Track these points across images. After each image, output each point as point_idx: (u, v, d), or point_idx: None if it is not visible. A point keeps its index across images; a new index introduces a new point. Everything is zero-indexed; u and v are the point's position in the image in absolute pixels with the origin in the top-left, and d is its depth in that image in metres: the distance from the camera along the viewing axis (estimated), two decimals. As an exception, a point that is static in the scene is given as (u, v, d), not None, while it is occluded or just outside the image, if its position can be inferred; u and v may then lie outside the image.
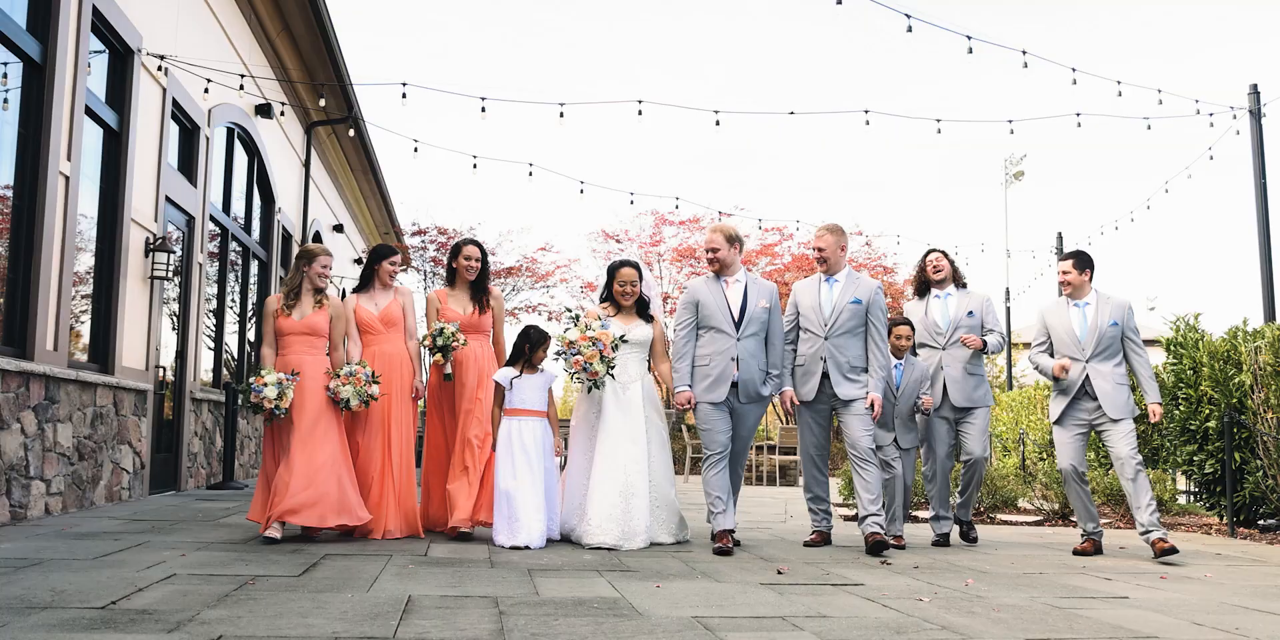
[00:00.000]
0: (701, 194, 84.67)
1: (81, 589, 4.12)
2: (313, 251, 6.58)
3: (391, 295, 6.83)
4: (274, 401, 6.03)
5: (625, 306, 6.71)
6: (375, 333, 6.70)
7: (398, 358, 6.66)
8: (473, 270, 6.88)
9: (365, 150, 17.09)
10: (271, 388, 6.07)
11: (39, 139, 6.86)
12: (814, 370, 6.47)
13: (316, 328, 6.40)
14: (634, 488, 6.20)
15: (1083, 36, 73.84)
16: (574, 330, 6.36)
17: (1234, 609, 4.47)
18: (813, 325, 6.53)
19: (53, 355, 6.96)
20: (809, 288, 6.68)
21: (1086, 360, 6.67)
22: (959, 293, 7.18)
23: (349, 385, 6.25)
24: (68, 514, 7.16)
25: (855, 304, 6.48)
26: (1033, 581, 5.22)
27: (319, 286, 6.52)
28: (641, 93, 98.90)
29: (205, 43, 10.33)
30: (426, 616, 3.74)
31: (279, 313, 6.45)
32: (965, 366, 7.00)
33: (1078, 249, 7.04)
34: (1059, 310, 6.89)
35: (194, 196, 10.29)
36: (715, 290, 6.45)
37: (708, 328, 6.38)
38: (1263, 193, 12.15)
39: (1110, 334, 6.70)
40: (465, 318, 6.78)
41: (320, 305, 6.47)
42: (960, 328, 7.03)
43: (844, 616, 4.01)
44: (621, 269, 6.74)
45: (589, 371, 6.28)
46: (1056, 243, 21.73)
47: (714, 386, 6.27)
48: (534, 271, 25.16)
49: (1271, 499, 8.09)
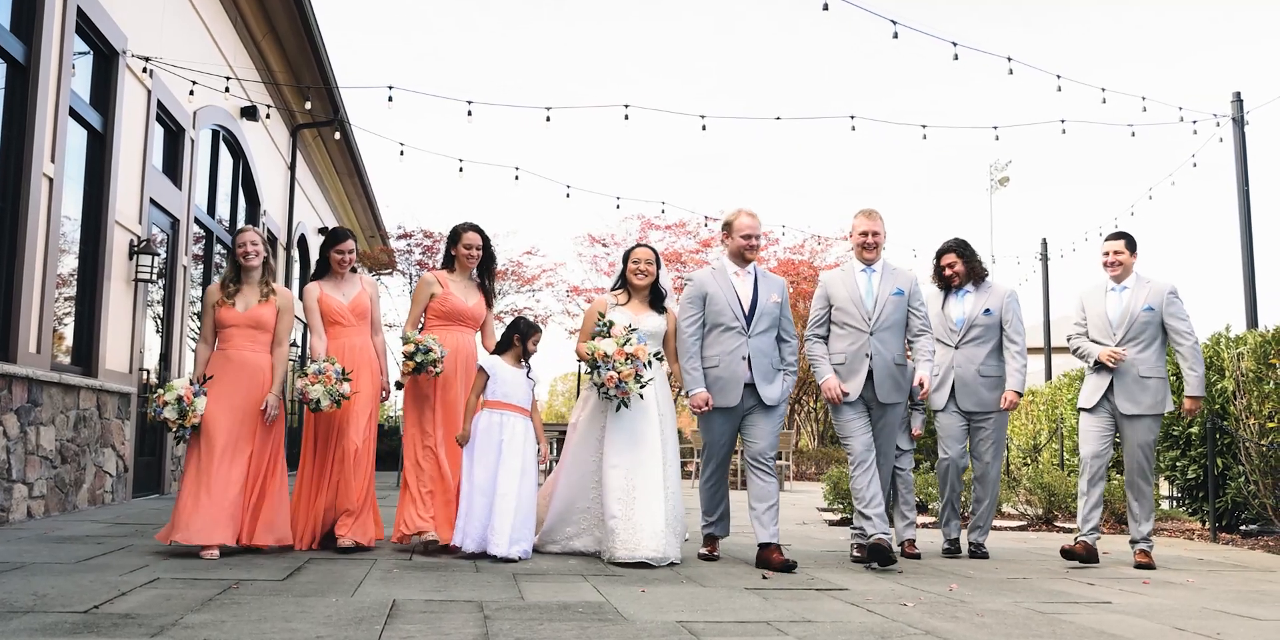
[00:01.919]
0: (687, 198, 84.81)
1: (64, 593, 4.10)
2: (237, 230, 6.06)
3: (359, 284, 6.28)
4: (176, 421, 5.44)
5: (639, 290, 6.10)
6: (344, 324, 6.13)
7: (366, 352, 6.15)
8: (473, 259, 6.30)
9: (351, 153, 17.06)
10: (171, 408, 5.44)
11: (22, 140, 6.83)
12: (858, 368, 5.97)
13: (261, 321, 5.82)
14: (649, 498, 5.68)
15: (1068, 42, 74.23)
16: (609, 342, 5.71)
17: (1216, 614, 4.49)
18: (853, 319, 6.04)
19: (35, 358, 6.92)
20: (844, 279, 6.19)
21: (1116, 346, 6.33)
22: (978, 289, 6.70)
23: (318, 384, 5.67)
24: (50, 517, 7.11)
25: (898, 295, 6.07)
26: (1016, 586, 5.24)
27: (246, 266, 5.85)
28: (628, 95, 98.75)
29: (191, 45, 10.30)
30: (411, 621, 3.73)
31: (220, 303, 5.82)
32: (979, 368, 6.55)
33: (1122, 230, 6.71)
34: (1096, 293, 6.55)
35: (179, 199, 10.26)
36: (724, 282, 5.94)
37: (714, 325, 5.87)
38: (1245, 200, 12.23)
39: (1144, 320, 6.32)
40: (470, 309, 6.27)
41: (267, 298, 5.88)
42: (976, 325, 6.58)
43: (828, 621, 4.01)
44: (637, 249, 6.21)
45: (621, 390, 5.66)
46: (1041, 248, 21.85)
47: (723, 390, 5.79)
48: (520, 275, 25.12)
49: (1253, 504, 8.13)
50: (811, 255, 23.99)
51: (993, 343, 6.59)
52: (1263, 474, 7.89)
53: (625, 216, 25.21)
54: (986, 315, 6.59)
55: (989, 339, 6.58)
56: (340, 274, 6.22)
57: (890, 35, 9.19)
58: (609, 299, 6.17)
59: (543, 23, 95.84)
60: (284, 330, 5.94)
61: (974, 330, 6.58)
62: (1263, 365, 7.94)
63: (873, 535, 5.78)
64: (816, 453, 23.88)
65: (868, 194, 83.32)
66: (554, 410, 62.33)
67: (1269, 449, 7.78)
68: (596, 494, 5.85)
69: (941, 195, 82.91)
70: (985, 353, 6.57)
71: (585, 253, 25.51)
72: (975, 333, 6.58)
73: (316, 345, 6.06)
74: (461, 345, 6.20)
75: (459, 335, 6.22)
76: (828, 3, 8.62)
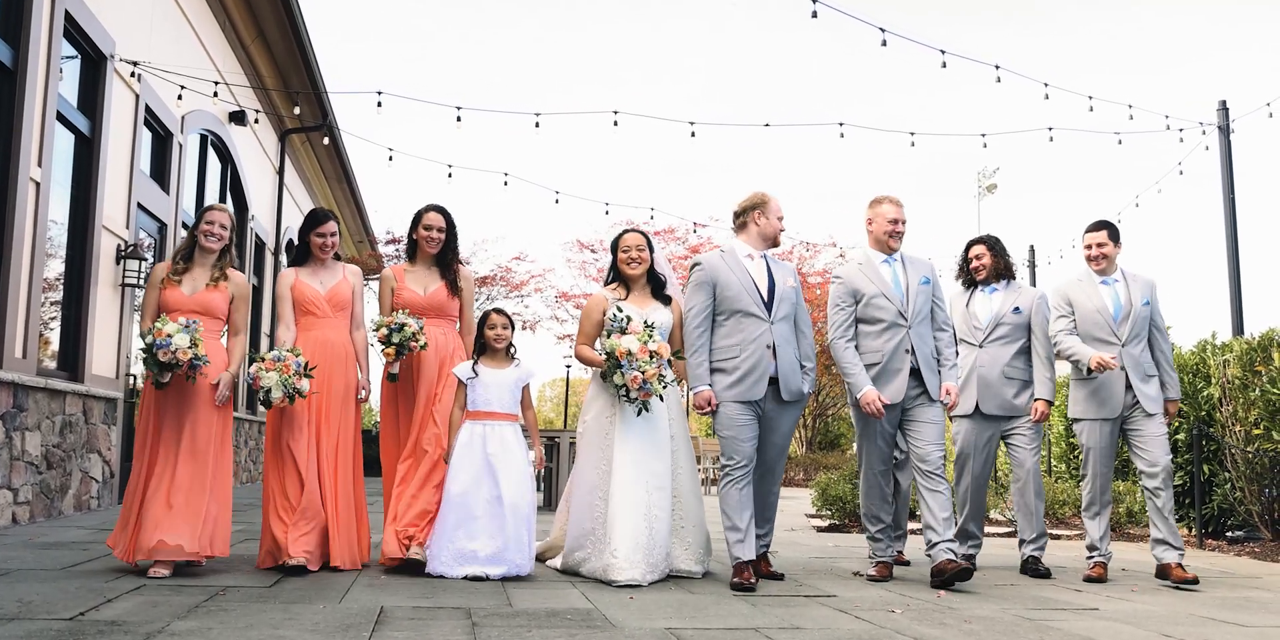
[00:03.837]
0: (676, 204, 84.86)
1: (49, 600, 4.08)
2: (205, 207, 5.39)
3: (339, 273, 5.63)
4: (190, 351, 4.83)
5: (636, 280, 5.58)
6: (319, 315, 5.49)
7: (343, 348, 5.49)
8: (434, 242, 5.72)
9: (339, 158, 17.04)
10: (181, 335, 4.83)
11: (9, 145, 6.80)
12: (899, 367, 5.49)
13: (211, 307, 5.16)
14: (657, 511, 5.16)
15: (1055, 51, 74.63)
16: (631, 338, 5.17)
17: (1203, 621, 4.51)
18: (886, 314, 5.56)
19: (21, 363, 6.89)
20: (864, 272, 5.70)
21: (1122, 345, 5.96)
22: (1006, 287, 6.33)
23: (274, 372, 5.01)
24: (35, 523, 7.07)
25: (925, 285, 5.67)
26: (1004, 593, 5.24)
27: (208, 248, 5.24)
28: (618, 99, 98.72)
29: (179, 49, 10.27)
30: (399, 627, 3.72)
31: (165, 282, 5.16)
32: (1004, 369, 6.17)
33: (1104, 219, 6.29)
34: (1086, 287, 6.13)
35: (166, 203, 10.23)
36: (736, 266, 5.44)
37: (732, 312, 5.36)
38: (1231, 208, 12.29)
39: (1143, 315, 6.02)
40: (425, 299, 5.66)
41: (218, 282, 5.24)
42: (1002, 324, 6.20)
43: (816, 628, 4.01)
44: (625, 236, 5.65)
45: (645, 391, 5.12)
46: (1029, 255, 21.89)
47: (746, 382, 5.25)
48: (508, 281, 25.15)
49: (1239, 511, 8.17)
50: (800, 261, 24.05)
51: (1019, 344, 6.23)
52: (1249, 480, 7.92)
53: (614, 222, 25.34)
54: (1016, 314, 6.23)
55: (1016, 339, 6.22)
56: (321, 260, 5.60)
57: (879, 42, 9.23)
58: (607, 294, 5.60)
59: (531, 28, 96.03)
60: (241, 319, 5.37)
61: (1001, 329, 6.22)
62: (1248, 372, 7.98)
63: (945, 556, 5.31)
64: (805, 458, 23.92)
65: (855, 200, 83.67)
66: (542, 416, 62.22)
67: (1255, 456, 7.82)
68: (602, 513, 5.25)
69: (929, 202, 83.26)
70: (1011, 353, 6.20)
71: (574, 258, 25.59)
72: (1002, 331, 6.21)
73: (283, 335, 5.44)
74: (433, 340, 5.60)
75: (430, 330, 5.61)
76: (816, 10, 8.65)
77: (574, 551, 5.36)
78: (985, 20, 79.80)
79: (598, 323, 5.48)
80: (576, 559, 5.34)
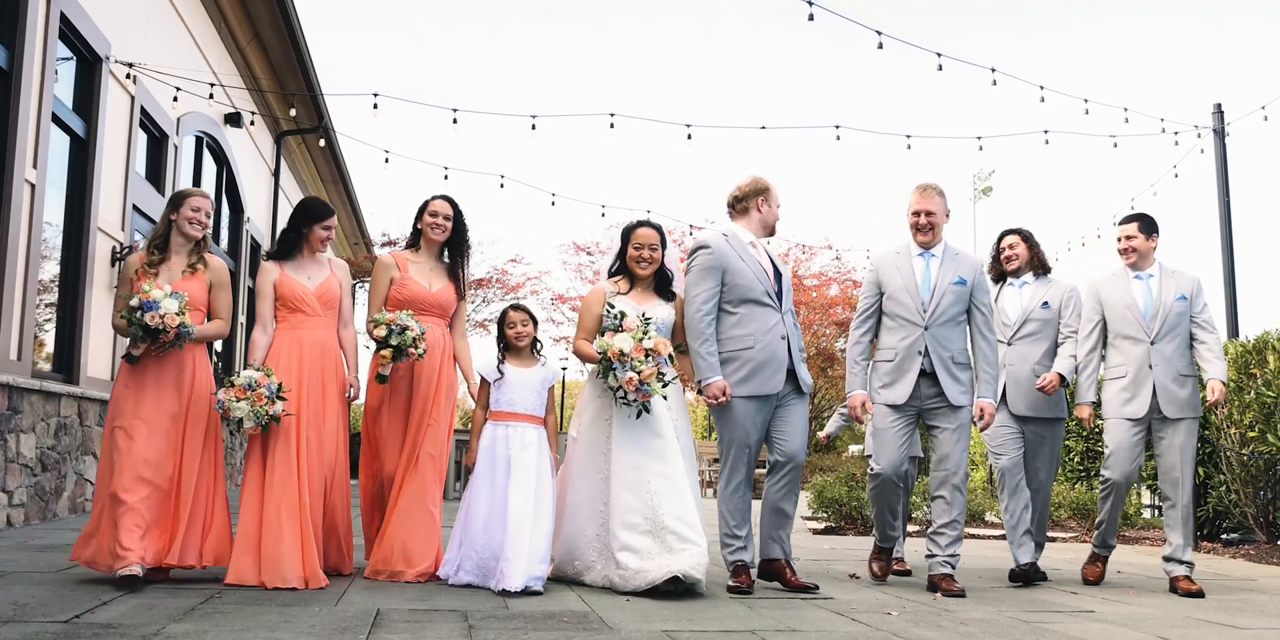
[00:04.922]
0: (672, 206, 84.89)
1: (44, 602, 4.07)
2: (184, 192, 5.07)
3: (327, 268, 5.27)
4: (178, 317, 4.55)
5: (642, 279, 5.25)
6: (308, 313, 5.11)
7: (332, 349, 5.15)
8: (440, 229, 5.35)
9: (335, 160, 17.02)
10: (170, 300, 4.54)
11: (4, 146, 6.79)
12: (908, 367, 5.27)
13: (190, 296, 4.78)
14: (661, 514, 4.84)
15: (1051, 54, 74.74)
16: (624, 337, 4.86)
17: (1199, 623, 4.51)
18: (905, 311, 5.34)
19: (16, 365, 6.87)
20: (897, 263, 5.47)
21: (1151, 342, 5.70)
22: (1037, 281, 6.07)
23: (245, 401, 4.66)
24: (30, 526, 7.06)
25: (959, 285, 5.36)
26: (1000, 595, 5.25)
27: (190, 235, 4.96)
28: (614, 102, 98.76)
29: (175, 51, 10.26)
30: (395, 630, 3.72)
31: (140, 274, 4.84)
32: (1034, 367, 5.89)
33: (1140, 212, 6.07)
34: (1117, 282, 5.88)
35: (161, 205, 10.18)
36: (745, 252, 5.16)
37: (742, 300, 5.08)
38: (1226, 211, 12.32)
39: (1177, 311, 5.72)
40: (432, 295, 5.30)
41: (195, 269, 4.93)
42: (1033, 320, 5.95)
43: (813, 630, 4.01)
44: (639, 229, 5.26)
45: (642, 392, 4.81)
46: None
47: (760, 375, 4.99)
48: (504, 283, 25.13)
49: (1234, 513, 8.18)
50: (796, 264, 24.07)
51: (1050, 341, 5.98)
52: (1244, 483, 7.94)
53: (610, 225, 25.26)
54: (1044, 309, 5.97)
55: (1046, 336, 5.97)
56: (311, 255, 5.27)
57: (875, 45, 9.25)
58: (607, 287, 5.29)
59: (528, 31, 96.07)
60: (223, 306, 5.02)
61: (1030, 325, 5.96)
62: (1243, 375, 8.00)
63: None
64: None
65: (852, 202, 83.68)
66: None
67: (1250, 458, 7.83)
68: (605, 519, 4.97)
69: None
70: (1041, 351, 5.94)
71: (570, 261, 25.60)
72: (1031, 328, 5.96)
73: (258, 339, 5.05)
74: (430, 340, 5.23)
75: (431, 330, 5.26)
76: (813, 13, 8.66)
77: (572, 561, 5.10)
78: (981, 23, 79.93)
79: (597, 316, 5.18)
80: (576, 568, 5.10)
